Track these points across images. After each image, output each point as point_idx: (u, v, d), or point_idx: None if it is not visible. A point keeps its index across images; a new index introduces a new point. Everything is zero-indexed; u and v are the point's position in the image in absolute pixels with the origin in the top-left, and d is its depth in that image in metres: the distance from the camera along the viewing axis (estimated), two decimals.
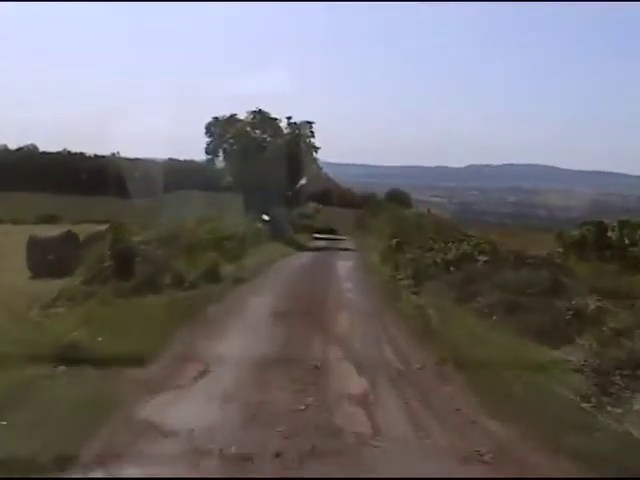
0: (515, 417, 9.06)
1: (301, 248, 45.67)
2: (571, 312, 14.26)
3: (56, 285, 20.56)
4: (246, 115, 52.50)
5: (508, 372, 11.09)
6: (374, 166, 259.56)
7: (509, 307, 15.94)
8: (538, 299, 16.01)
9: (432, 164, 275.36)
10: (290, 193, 55.64)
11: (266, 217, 51.28)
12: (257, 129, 51.97)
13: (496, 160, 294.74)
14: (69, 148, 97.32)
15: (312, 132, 53.48)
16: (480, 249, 23.22)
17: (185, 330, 14.43)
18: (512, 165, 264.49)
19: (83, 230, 30.73)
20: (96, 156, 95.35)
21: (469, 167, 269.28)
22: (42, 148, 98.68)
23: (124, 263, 22.17)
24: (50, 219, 55.05)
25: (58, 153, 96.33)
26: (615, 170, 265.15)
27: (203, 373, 11.16)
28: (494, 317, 15.74)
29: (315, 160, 55.22)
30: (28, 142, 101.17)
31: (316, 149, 54.06)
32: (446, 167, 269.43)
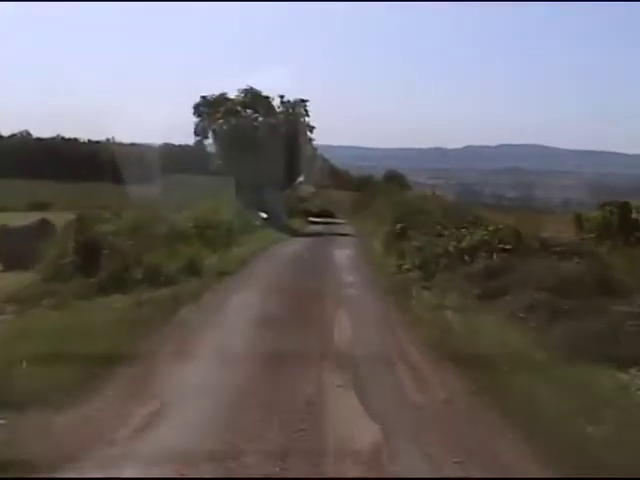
0: None
1: (296, 233, 42.40)
2: (636, 320, 11.08)
3: (26, 278, 18.22)
4: (236, 94, 49.11)
5: (579, 417, 7.83)
6: (370, 148, 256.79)
7: (549, 310, 12.73)
8: (584, 300, 12.85)
9: (429, 146, 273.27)
10: (288, 177, 52.24)
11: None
12: (248, 108, 48.50)
13: (493, 141, 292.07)
14: (63, 134, 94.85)
15: (307, 111, 50.10)
16: (500, 235, 19.92)
17: (143, 346, 11.24)
18: (509, 145, 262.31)
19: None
20: (90, 142, 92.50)
21: (466, 148, 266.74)
22: (36, 134, 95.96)
23: (89, 257, 18.96)
24: (42, 206, 52.13)
25: (52, 139, 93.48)
26: (609, 149, 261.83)
27: (152, 419, 7.95)
28: (532, 323, 12.59)
29: (311, 141, 51.80)
30: (22, 128, 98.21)
31: (311, 129, 50.71)
32: (443, 148, 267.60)
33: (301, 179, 62.12)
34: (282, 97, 49.51)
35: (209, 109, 48.03)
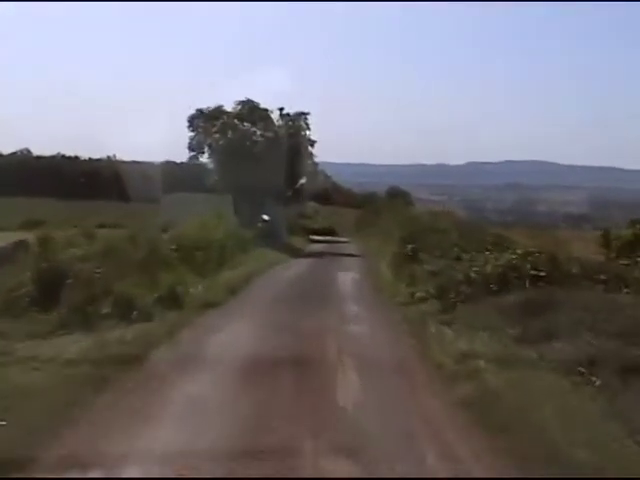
0: None
1: (297, 253, 39.35)
2: None
3: None
4: (233, 106, 46.13)
5: None
6: (372, 165, 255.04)
7: (619, 364, 9.62)
8: None
9: (431, 162, 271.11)
10: (289, 193, 49.20)
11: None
12: (246, 121, 45.55)
13: (495, 157, 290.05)
14: (63, 152, 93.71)
15: (307, 124, 47.13)
16: (532, 260, 16.78)
17: (85, 424, 8.10)
18: (511, 162, 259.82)
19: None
20: (91, 159, 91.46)
21: (469, 164, 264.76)
22: (36, 152, 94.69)
23: (48, 288, 15.97)
24: (35, 224, 49.25)
25: (52, 157, 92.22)
26: (612, 165, 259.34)
27: None
28: (597, 381, 9.47)
29: (312, 155, 48.78)
30: (22, 146, 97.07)
31: (312, 143, 47.68)
32: (445, 165, 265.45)
33: (302, 196, 59.11)
34: (281, 110, 46.62)
35: (205, 122, 45.10)
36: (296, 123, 46.53)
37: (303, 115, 46.92)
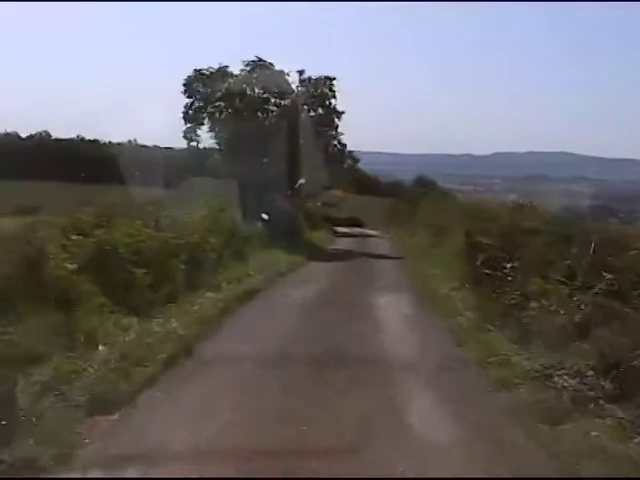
0: None
1: (315, 254, 28.99)
2: None
3: None
4: (241, 68, 35.89)
5: None
6: (396, 154, 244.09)
7: None
8: None
9: (457, 152, 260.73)
10: (311, 177, 39.00)
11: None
12: (257, 86, 35.43)
13: (521, 148, 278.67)
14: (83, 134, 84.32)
15: (333, 92, 36.75)
16: None
17: None
18: (535, 153, 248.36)
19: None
20: (111, 143, 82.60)
21: (495, 155, 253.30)
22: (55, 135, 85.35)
23: None
24: (31, 210, 40.52)
25: (71, 140, 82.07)
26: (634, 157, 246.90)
27: None
28: None
29: (338, 130, 38.22)
30: (40, 129, 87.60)
31: (339, 114, 37.27)
32: (472, 155, 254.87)
33: (326, 181, 48.83)
34: (301, 72, 36.18)
35: (204, 87, 34.88)
36: (319, 89, 36.16)
37: (328, 80, 36.48)
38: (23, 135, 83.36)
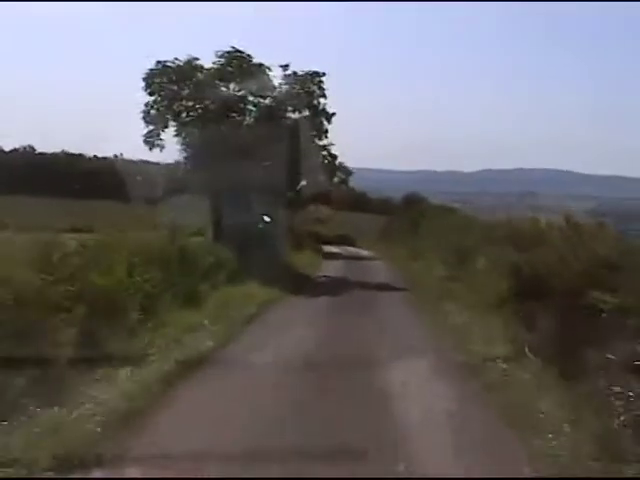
0: None
1: (300, 286, 22.59)
2: None
3: None
4: (213, 60, 29.56)
5: None
6: (385, 170, 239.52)
7: None
8: None
9: (443, 169, 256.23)
10: (295, 190, 32.92)
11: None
12: (232, 82, 29.21)
13: (508, 165, 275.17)
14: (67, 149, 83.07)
15: (322, 89, 30.52)
16: None
17: None
18: (524, 170, 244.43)
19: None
20: (96, 157, 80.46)
21: (482, 172, 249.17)
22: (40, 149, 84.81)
23: None
24: None
25: (55, 154, 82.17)
26: (629, 174, 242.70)
27: None
28: None
29: (326, 133, 31.74)
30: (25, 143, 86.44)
31: (329, 117, 30.97)
32: (459, 172, 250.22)
33: (312, 195, 42.71)
34: (285, 67, 29.80)
35: (169, 83, 28.54)
36: (306, 87, 29.86)
37: (316, 76, 30.18)
38: (7, 149, 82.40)
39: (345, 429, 7.38)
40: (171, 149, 29.25)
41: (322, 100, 30.20)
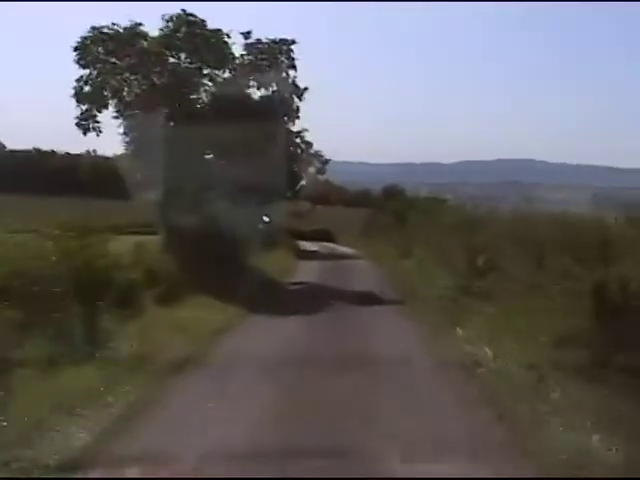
0: None
1: (264, 299, 17.37)
2: None
3: None
4: (160, 27, 24.11)
5: None
6: (364, 163, 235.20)
7: None
8: None
9: (422, 161, 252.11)
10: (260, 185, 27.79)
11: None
12: (183, 51, 23.94)
13: (486, 156, 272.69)
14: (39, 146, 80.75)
15: (292, 59, 25.27)
16: None
17: None
18: (503, 160, 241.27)
19: None
20: (68, 154, 77.80)
21: (460, 163, 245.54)
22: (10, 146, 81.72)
23: None
24: None
25: (27, 151, 79.59)
26: (602, 163, 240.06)
27: None
28: None
29: (298, 111, 26.40)
30: None
31: (300, 92, 25.70)
32: (437, 163, 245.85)
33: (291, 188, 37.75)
34: (247, 35, 24.54)
35: (106, 54, 23.25)
36: (272, 57, 24.67)
37: (284, 44, 24.98)
38: None
39: None
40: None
41: (292, 72, 25.06)
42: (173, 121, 23.02)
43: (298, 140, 35.89)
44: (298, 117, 25.25)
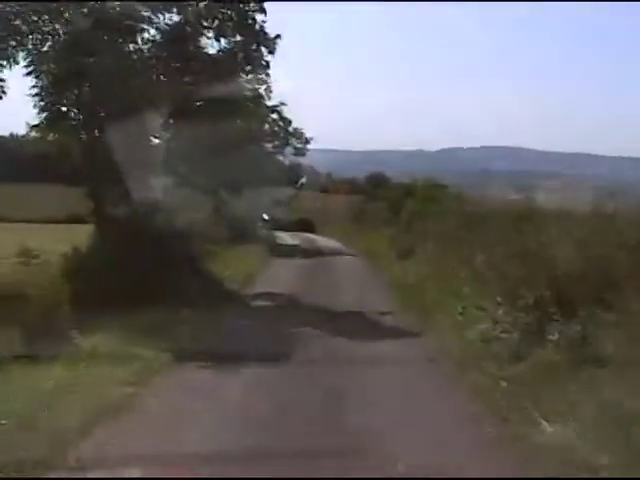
0: None
1: (209, 327, 11.24)
2: None
3: None
4: None
5: None
6: (345, 151, 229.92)
7: None
8: None
9: (403, 148, 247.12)
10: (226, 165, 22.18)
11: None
12: None
13: (468, 143, 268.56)
14: None
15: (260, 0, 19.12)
16: None
17: None
18: (487, 147, 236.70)
19: None
20: None
21: (442, 151, 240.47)
22: None
23: None
24: None
25: None
26: (589, 151, 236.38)
27: None
28: None
29: (268, 67, 20.06)
30: None
31: (271, 44, 19.34)
32: (420, 151, 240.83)
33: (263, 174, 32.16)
34: None
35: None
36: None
37: None
38: None
39: None
40: None
41: (260, 17, 18.87)
42: (100, 80, 16.85)
43: (274, 115, 30.66)
44: (268, 74, 18.91)
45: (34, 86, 17.22)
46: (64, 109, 17.56)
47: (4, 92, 16.82)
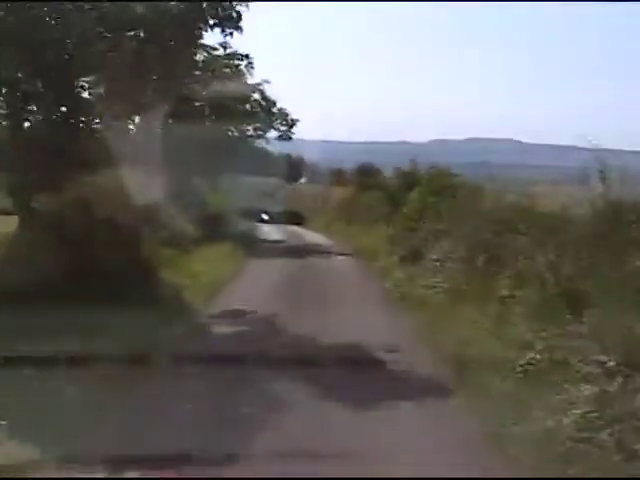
0: None
1: (150, 384, 7.45)
2: None
3: None
4: None
5: None
6: (336, 142, 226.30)
7: None
8: None
9: (393, 139, 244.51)
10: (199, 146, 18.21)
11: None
12: None
13: (458, 135, 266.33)
14: None
15: None
16: None
17: None
18: (476, 139, 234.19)
19: None
20: None
21: (432, 142, 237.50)
22: None
23: None
24: None
25: None
26: (577, 144, 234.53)
27: None
28: None
29: (237, 20, 15.65)
30: None
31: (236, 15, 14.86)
32: (409, 142, 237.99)
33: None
34: None
35: None
36: None
37: None
38: None
39: None
40: None
41: None
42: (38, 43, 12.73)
43: (257, 96, 26.90)
44: (239, 28, 14.71)
45: None
46: None
47: None
